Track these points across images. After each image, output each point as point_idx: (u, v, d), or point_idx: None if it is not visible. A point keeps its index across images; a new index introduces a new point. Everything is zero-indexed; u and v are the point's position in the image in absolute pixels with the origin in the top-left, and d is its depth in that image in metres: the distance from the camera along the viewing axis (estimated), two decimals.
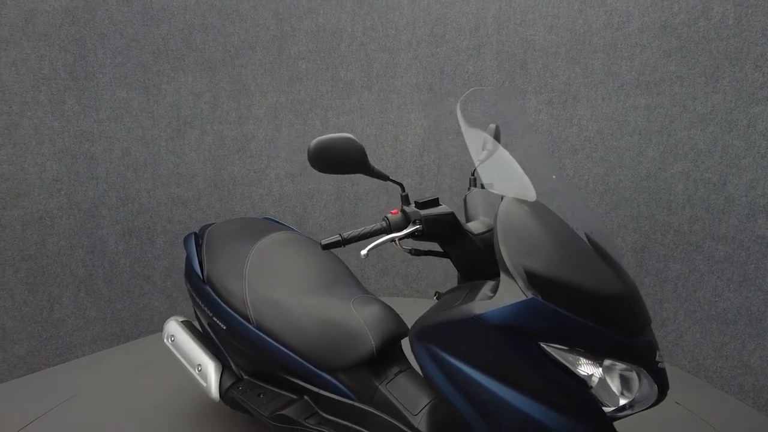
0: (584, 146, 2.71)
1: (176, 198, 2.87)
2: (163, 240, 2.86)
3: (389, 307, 1.50)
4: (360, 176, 3.24)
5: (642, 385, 0.95)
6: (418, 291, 3.40)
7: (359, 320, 1.43)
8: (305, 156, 3.15)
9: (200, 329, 1.89)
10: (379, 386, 1.39)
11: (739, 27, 2.07)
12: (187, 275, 1.83)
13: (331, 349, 1.42)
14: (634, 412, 0.97)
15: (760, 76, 2.01)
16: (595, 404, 0.94)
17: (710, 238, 2.24)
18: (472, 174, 1.47)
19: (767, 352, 2.09)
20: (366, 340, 1.40)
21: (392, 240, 1.10)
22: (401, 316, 1.53)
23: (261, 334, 1.55)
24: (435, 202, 1.16)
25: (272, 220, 2.16)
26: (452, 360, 1.03)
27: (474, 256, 1.17)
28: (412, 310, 3.04)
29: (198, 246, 1.86)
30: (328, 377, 1.44)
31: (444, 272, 3.33)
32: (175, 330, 1.89)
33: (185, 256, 1.92)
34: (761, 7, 1.99)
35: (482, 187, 1.43)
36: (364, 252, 1.05)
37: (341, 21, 3.04)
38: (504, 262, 1.00)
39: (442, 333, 1.05)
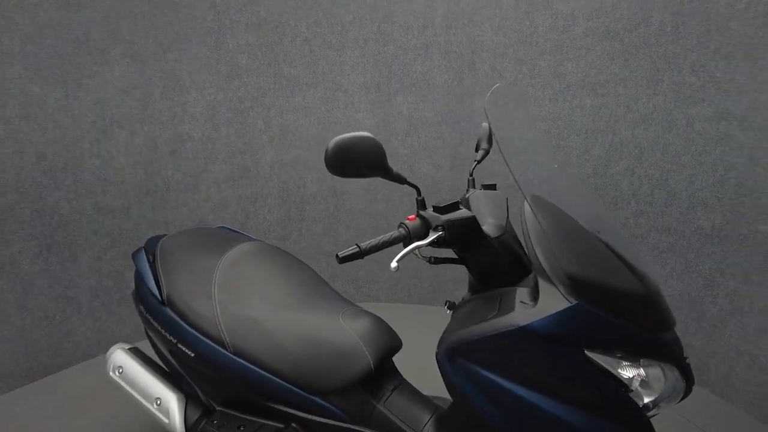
0: None
1: (103, 207, 2.56)
2: (89, 256, 2.53)
3: (380, 318, 1.40)
4: (307, 178, 3.09)
5: (668, 381, 0.95)
6: (369, 296, 3.31)
7: (352, 335, 1.32)
8: (247, 157, 2.95)
9: (157, 356, 1.67)
10: (377, 405, 1.29)
11: (677, 34, 2.21)
12: (138, 296, 1.61)
13: (322, 369, 1.29)
14: (661, 409, 0.96)
15: (696, 80, 2.16)
16: (636, 406, 0.92)
17: (654, 230, 2.38)
18: (471, 175, 1.42)
19: (707, 333, 2.25)
20: (362, 356, 1.29)
21: (416, 249, 1.01)
22: None
23: (239, 359, 1.38)
24: (455, 206, 1.08)
25: (229, 229, 1.97)
26: (492, 376, 0.96)
27: (493, 261, 1.11)
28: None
29: (150, 262, 1.64)
30: (319, 400, 1.31)
31: (393, 276, 3.27)
32: (123, 360, 1.65)
33: (134, 273, 1.69)
34: (696, 17, 2.13)
35: (483, 188, 1.37)
36: (394, 264, 0.95)
37: (284, 15, 2.88)
38: (541, 268, 0.95)
39: (479, 348, 0.98)
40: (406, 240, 1.04)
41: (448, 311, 1.28)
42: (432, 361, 1.12)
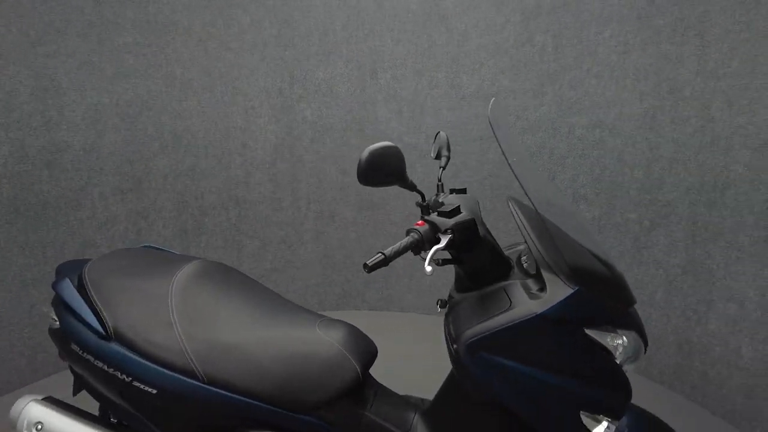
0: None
1: None
2: None
3: (355, 326, 1.41)
4: (205, 188, 2.88)
5: (631, 345, 1.14)
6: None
7: (335, 345, 1.30)
8: (137, 167, 2.64)
9: (98, 400, 1.43)
10: (365, 413, 1.30)
11: (557, 54, 2.58)
12: (68, 333, 1.35)
13: (308, 384, 1.25)
14: (627, 369, 1.16)
15: (575, 94, 2.55)
16: (621, 371, 1.09)
17: None
18: (439, 180, 1.49)
19: None
20: (348, 366, 1.29)
21: (437, 251, 1.06)
22: None
23: (213, 388, 1.27)
24: (457, 211, 1.14)
25: (156, 248, 1.76)
26: (511, 363, 1.05)
27: (486, 259, 1.20)
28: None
29: (80, 292, 1.40)
30: (307, 418, 1.27)
31: (304, 282, 3.22)
32: (41, 414, 1.38)
33: (58, 306, 1.43)
34: (572, 40, 2.52)
35: (453, 192, 1.46)
36: (429, 268, 0.98)
37: (176, 13, 2.65)
38: (545, 261, 1.07)
39: (501, 338, 1.06)
40: (420, 245, 1.09)
41: (440, 309, 1.34)
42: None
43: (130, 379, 1.29)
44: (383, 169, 1.01)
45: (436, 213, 1.15)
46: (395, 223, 3.12)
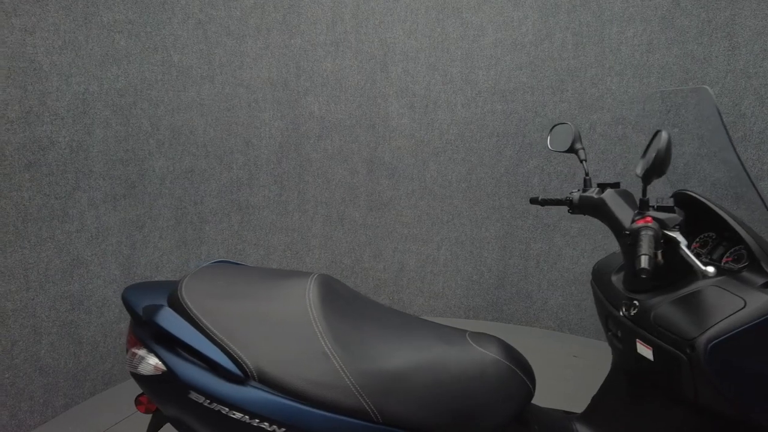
0: (446, 149, 2.90)
1: None
2: None
3: (497, 336, 1.29)
4: (205, 192, 2.52)
5: None
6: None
7: (502, 362, 1.17)
8: (130, 169, 2.23)
9: None
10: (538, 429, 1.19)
11: (577, 51, 2.63)
12: (183, 380, 1.06)
13: (482, 408, 1.11)
14: None
15: (596, 91, 2.61)
16: None
17: (565, 219, 2.78)
18: (587, 174, 1.40)
19: None
20: (520, 383, 1.16)
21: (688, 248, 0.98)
22: None
23: (389, 428, 1.07)
24: (671, 209, 1.09)
25: (230, 262, 1.46)
26: (758, 365, 1.00)
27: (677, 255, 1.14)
28: None
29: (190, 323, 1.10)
30: None
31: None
32: None
33: (160, 346, 1.13)
34: (593, 38, 2.58)
35: (606, 187, 1.37)
36: (711, 270, 0.90)
37: None
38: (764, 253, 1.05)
39: (742, 339, 1.00)
40: (657, 242, 1.00)
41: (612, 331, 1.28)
42: None
43: (283, 429, 1.05)
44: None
45: (652, 209, 1.08)
46: (407, 224, 2.99)
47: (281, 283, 1.23)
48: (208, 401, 1.04)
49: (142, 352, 1.12)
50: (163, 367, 1.10)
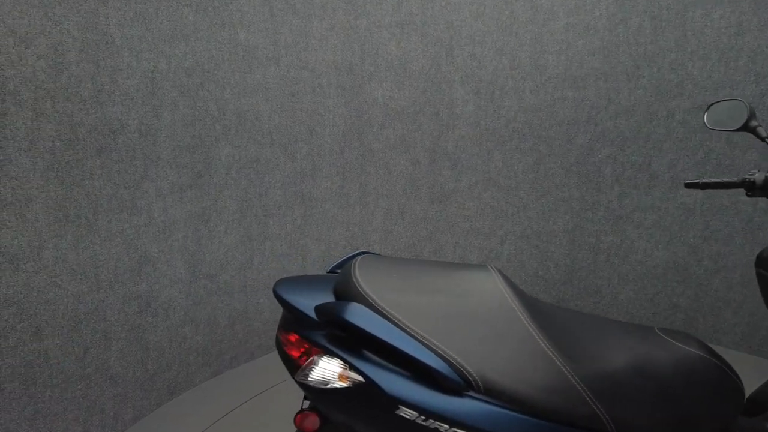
0: (512, 137, 2.76)
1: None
2: None
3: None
4: (269, 183, 2.33)
5: None
6: None
7: (710, 360, 1.03)
8: (197, 157, 2.03)
9: None
10: None
11: (655, 35, 2.52)
12: (389, 391, 0.88)
13: (701, 414, 0.97)
14: None
15: (675, 77, 2.51)
16: None
17: (639, 210, 2.67)
18: None
19: (693, 291, 2.64)
20: (733, 385, 1.02)
21: None
22: None
23: None
24: None
25: (374, 254, 1.29)
26: None
27: None
28: None
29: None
30: None
31: None
32: None
33: (354, 353, 0.96)
34: (673, 22, 2.47)
35: None
36: None
37: None
38: None
39: None
40: None
41: None
42: None
43: None
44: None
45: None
46: (469, 218, 2.84)
47: (463, 277, 1.07)
48: (423, 417, 0.88)
49: (325, 359, 0.95)
50: (357, 378, 0.93)
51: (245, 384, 2.20)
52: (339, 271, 1.23)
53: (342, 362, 0.93)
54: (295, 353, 1.00)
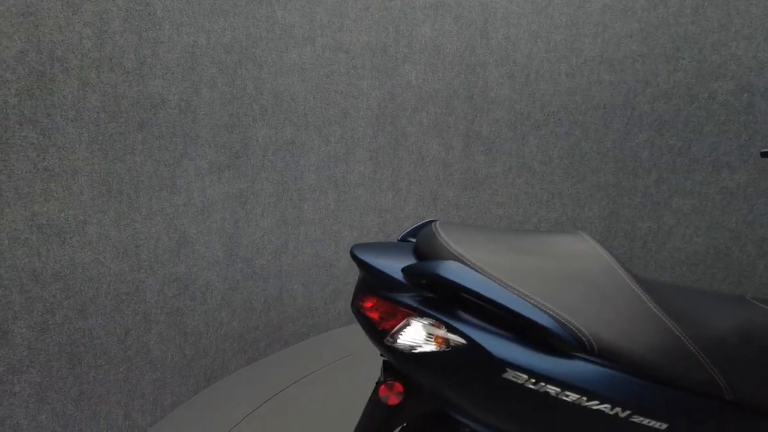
0: (548, 121, 2.70)
1: (41, 226, 1.32)
2: (25, 323, 1.27)
3: None
4: (305, 166, 2.28)
5: None
6: None
7: None
8: (234, 136, 1.98)
9: None
10: None
11: (697, 16, 2.46)
12: (495, 355, 0.83)
13: None
14: None
15: (718, 57, 2.45)
16: None
17: (677, 195, 2.60)
18: None
19: (735, 278, 2.57)
20: None
21: None
22: None
23: (740, 409, 0.86)
24: None
25: (434, 222, 1.24)
26: None
27: None
28: None
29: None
30: None
31: None
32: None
33: (453, 315, 0.89)
34: (715, 2, 2.42)
35: None
36: None
37: None
38: None
39: None
40: None
41: None
42: None
43: (628, 412, 0.83)
44: None
45: None
46: (502, 204, 2.78)
47: (558, 241, 1.01)
48: (533, 381, 0.82)
49: (418, 321, 0.89)
50: (458, 340, 0.87)
51: (280, 372, 2.14)
52: (411, 240, 1.17)
53: (437, 324, 0.87)
54: (376, 317, 0.94)
